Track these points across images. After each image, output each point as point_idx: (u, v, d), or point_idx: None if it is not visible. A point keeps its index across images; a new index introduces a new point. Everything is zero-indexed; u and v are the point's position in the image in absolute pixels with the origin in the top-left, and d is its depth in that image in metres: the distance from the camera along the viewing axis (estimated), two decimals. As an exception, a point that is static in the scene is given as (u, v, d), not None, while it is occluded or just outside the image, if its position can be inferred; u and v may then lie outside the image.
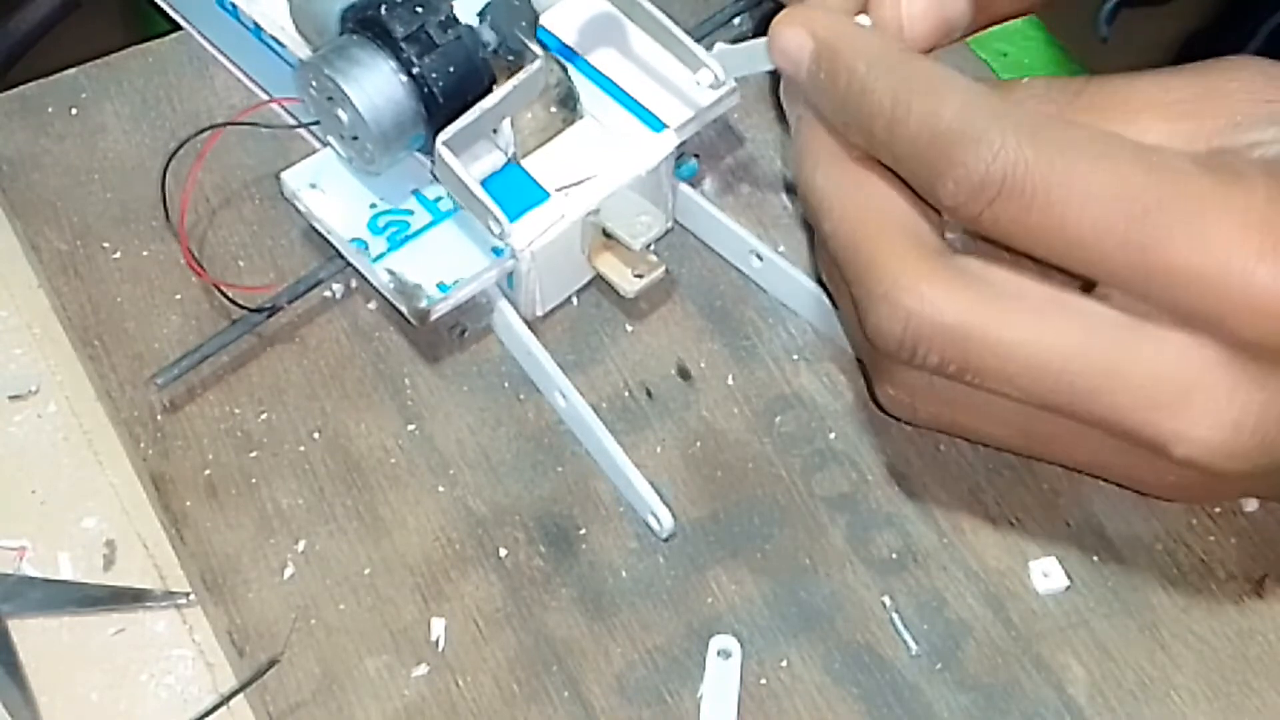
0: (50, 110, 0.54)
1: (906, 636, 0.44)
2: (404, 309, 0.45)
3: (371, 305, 0.50)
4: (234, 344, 0.48)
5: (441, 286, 0.46)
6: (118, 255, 0.51)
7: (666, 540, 0.45)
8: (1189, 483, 0.41)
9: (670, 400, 0.49)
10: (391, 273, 0.46)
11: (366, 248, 0.46)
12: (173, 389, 0.48)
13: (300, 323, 0.50)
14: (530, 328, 0.48)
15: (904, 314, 0.38)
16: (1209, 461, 0.38)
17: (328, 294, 0.50)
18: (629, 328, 0.50)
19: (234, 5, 0.51)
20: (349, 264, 0.47)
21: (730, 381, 0.49)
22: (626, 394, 0.48)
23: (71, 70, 0.55)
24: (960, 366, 0.39)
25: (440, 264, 0.46)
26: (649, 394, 0.49)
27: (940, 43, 0.44)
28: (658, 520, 0.45)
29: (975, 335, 0.38)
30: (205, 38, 0.55)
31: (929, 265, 0.39)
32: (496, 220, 0.45)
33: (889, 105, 0.39)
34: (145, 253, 0.51)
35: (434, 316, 0.45)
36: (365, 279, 0.47)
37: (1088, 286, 0.39)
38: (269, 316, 0.47)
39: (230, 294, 0.47)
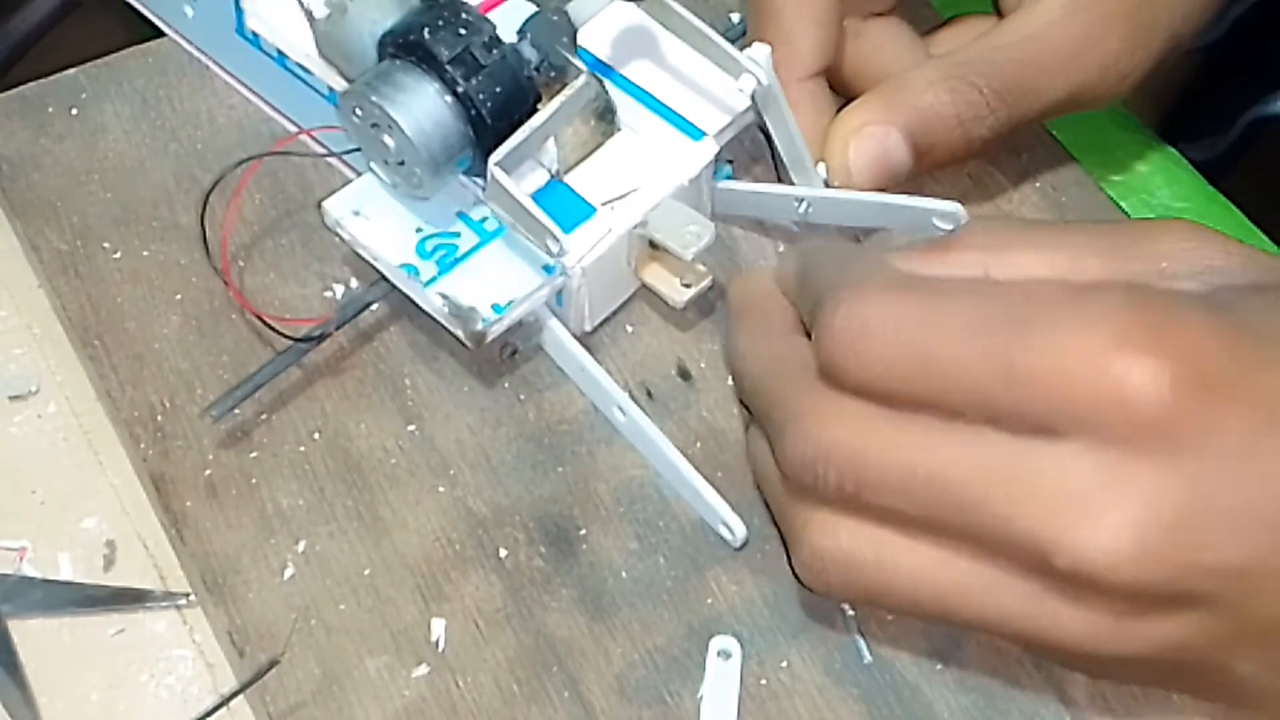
0: (50, 110, 0.54)
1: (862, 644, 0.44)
2: (459, 333, 0.45)
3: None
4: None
5: (496, 307, 0.45)
6: (118, 255, 0.51)
7: (740, 549, 0.45)
8: (1093, 633, 0.37)
9: (670, 400, 0.49)
10: (445, 296, 0.45)
11: (417, 273, 0.45)
12: (173, 389, 0.48)
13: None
14: (581, 343, 0.48)
15: (806, 436, 0.39)
16: (1102, 568, 0.35)
17: (328, 294, 0.50)
18: (629, 328, 0.50)
19: (254, 34, 0.51)
20: (395, 288, 0.46)
21: (730, 382, 0.49)
22: (627, 394, 0.48)
23: (71, 70, 0.55)
24: (858, 481, 0.38)
25: (492, 285, 0.45)
26: (649, 394, 0.49)
27: (885, 188, 0.48)
28: (730, 530, 0.45)
29: (873, 449, 0.38)
30: (227, 71, 0.54)
31: (831, 395, 0.39)
32: (555, 238, 0.44)
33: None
34: (145, 253, 0.51)
35: (489, 338, 0.45)
36: (415, 303, 0.46)
37: None
38: (318, 344, 0.47)
39: (277, 326, 0.46)
